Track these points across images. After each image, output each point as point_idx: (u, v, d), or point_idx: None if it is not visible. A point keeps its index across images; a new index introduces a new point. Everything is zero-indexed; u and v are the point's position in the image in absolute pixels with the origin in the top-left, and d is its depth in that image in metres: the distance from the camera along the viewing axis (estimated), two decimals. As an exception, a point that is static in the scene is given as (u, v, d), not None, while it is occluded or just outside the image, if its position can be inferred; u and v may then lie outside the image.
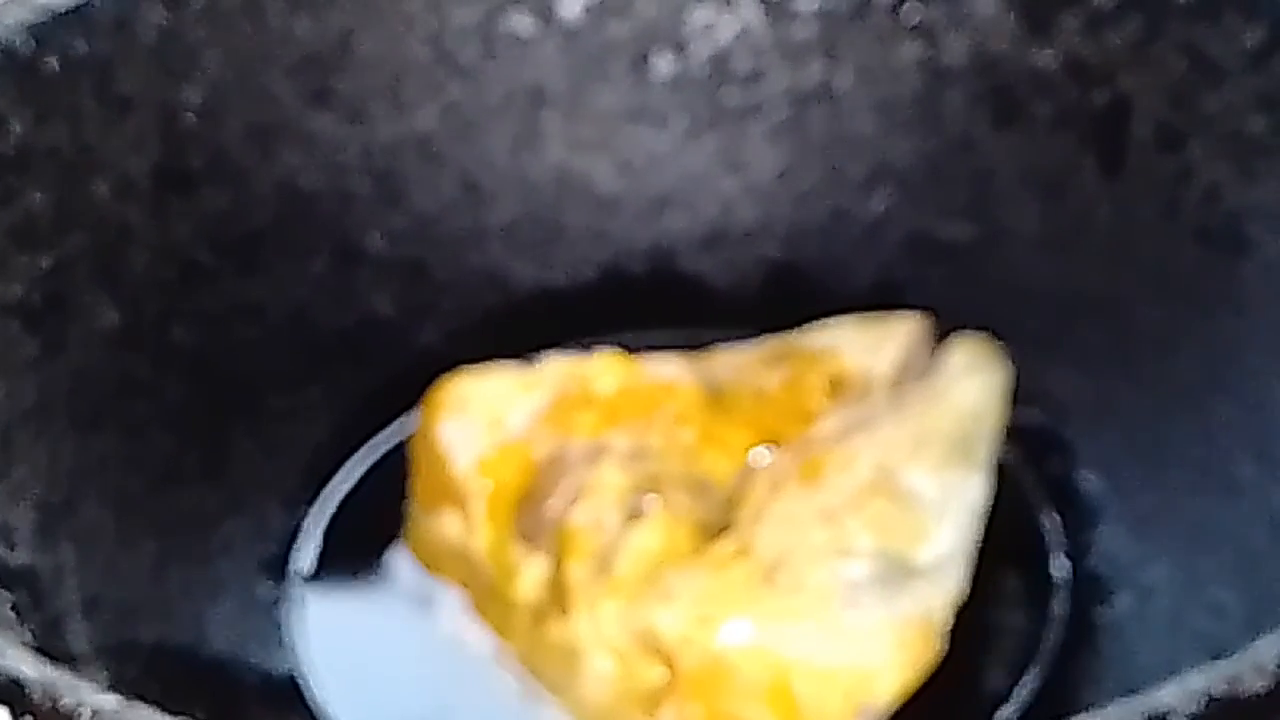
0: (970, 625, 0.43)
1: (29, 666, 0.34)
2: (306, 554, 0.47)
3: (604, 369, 0.47)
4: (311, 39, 0.48)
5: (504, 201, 0.50)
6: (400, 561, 0.47)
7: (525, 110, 0.50)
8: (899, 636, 0.42)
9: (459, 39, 0.49)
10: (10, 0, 0.44)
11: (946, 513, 0.44)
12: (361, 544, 0.48)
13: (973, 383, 0.46)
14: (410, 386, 0.48)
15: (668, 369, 0.47)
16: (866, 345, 0.47)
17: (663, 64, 0.50)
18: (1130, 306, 0.47)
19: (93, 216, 0.45)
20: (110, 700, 0.33)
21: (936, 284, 0.49)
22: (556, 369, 0.47)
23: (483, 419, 0.47)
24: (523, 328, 0.50)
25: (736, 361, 0.48)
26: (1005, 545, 0.45)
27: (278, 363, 0.48)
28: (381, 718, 0.44)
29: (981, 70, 0.48)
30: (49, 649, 0.36)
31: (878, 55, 0.49)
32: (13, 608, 0.39)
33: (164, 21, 0.46)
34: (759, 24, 0.50)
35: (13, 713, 0.33)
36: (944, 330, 0.48)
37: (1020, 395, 0.47)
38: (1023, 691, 0.43)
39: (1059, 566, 0.46)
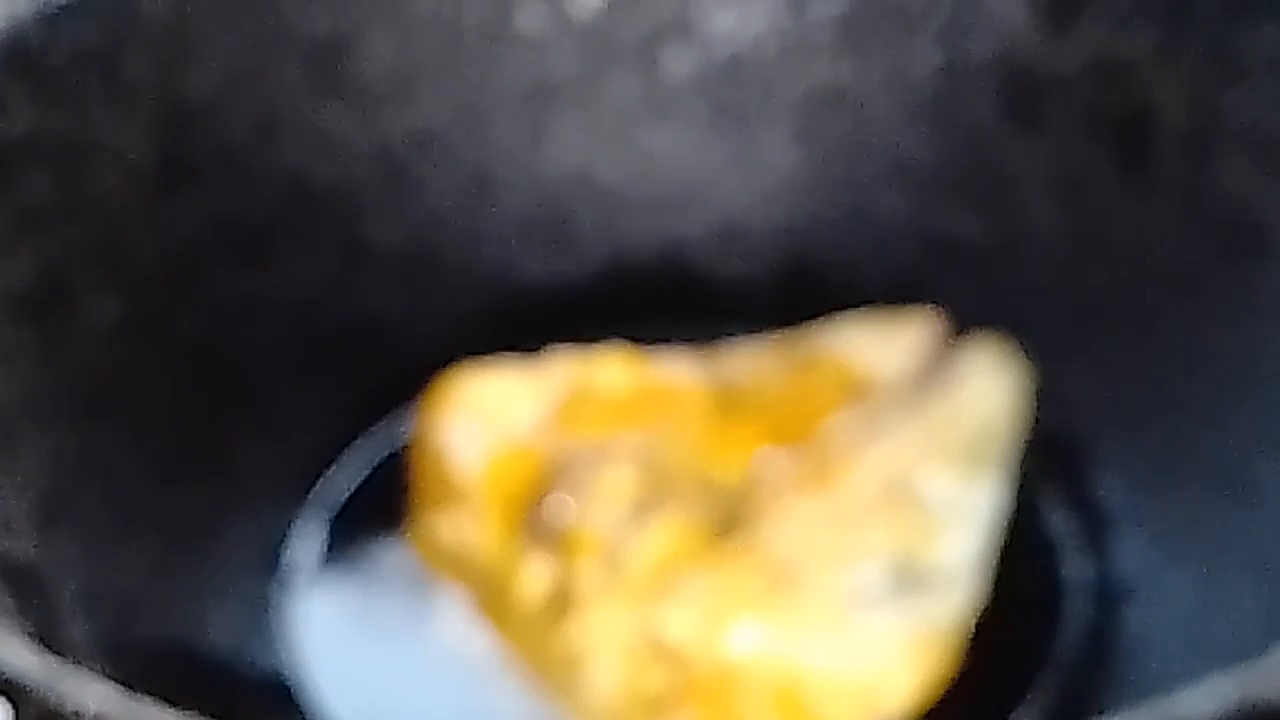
0: (987, 633, 0.43)
1: (29, 660, 0.33)
2: (308, 550, 0.47)
3: (612, 367, 0.47)
4: (322, 30, 0.48)
5: (514, 197, 0.50)
6: (402, 560, 0.47)
7: (537, 105, 0.50)
8: (912, 645, 0.42)
9: (472, 32, 0.49)
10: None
11: (961, 518, 0.44)
12: (363, 541, 0.47)
13: (989, 384, 0.46)
14: (416, 382, 0.48)
15: (677, 367, 0.47)
16: (879, 343, 0.47)
17: (678, 60, 0.50)
18: (1151, 310, 0.47)
19: (98, 207, 0.45)
20: (110, 695, 0.33)
21: (954, 286, 0.49)
22: (563, 365, 0.47)
23: (487, 416, 0.46)
24: (531, 324, 0.50)
25: (747, 359, 0.48)
26: (1022, 551, 0.45)
27: (282, 357, 0.48)
28: (380, 718, 0.44)
29: (1003, 71, 0.48)
30: (49, 643, 0.36)
31: (898, 55, 0.49)
32: (13, 601, 0.39)
33: (172, 11, 0.46)
34: (778, 22, 0.49)
35: (13, 706, 0.33)
36: (960, 333, 0.48)
37: (1038, 399, 0.46)
38: (1040, 700, 0.43)
39: (1078, 573, 0.45)
